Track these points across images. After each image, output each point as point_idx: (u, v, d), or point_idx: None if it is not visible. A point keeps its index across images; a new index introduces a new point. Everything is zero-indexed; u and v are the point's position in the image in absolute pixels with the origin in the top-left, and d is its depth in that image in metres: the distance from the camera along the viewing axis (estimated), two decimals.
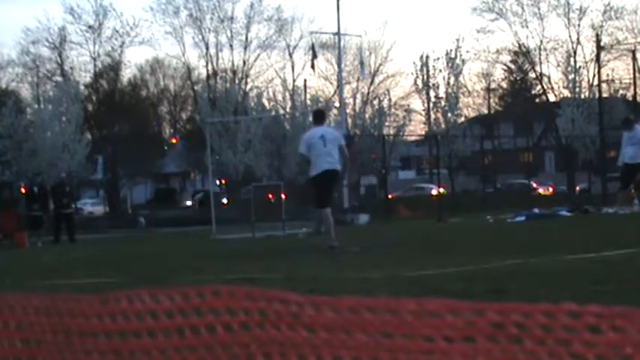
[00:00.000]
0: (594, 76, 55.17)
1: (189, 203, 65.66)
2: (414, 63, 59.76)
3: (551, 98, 59.94)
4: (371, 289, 7.88)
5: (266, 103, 55.64)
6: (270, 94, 57.44)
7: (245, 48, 61.19)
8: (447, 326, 1.55)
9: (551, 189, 61.67)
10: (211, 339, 1.76)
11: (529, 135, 59.95)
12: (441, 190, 44.71)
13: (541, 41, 59.62)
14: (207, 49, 61.17)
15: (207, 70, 61.82)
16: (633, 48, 54.59)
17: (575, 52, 57.62)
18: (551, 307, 1.49)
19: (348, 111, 54.73)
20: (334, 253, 13.88)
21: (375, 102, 57.06)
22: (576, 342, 1.47)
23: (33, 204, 27.82)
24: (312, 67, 48.18)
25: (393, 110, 56.29)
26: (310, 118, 51.09)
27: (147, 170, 66.29)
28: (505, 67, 66.19)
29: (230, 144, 51.89)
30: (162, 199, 70.69)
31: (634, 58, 52.85)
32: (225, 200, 52.05)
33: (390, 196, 51.35)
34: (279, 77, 61.72)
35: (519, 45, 61.23)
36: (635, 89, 51.63)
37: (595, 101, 52.41)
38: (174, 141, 73.34)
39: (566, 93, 56.05)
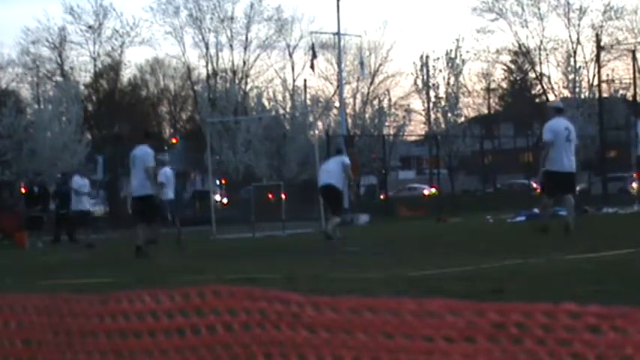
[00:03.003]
0: (594, 76, 55.17)
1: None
2: (414, 63, 59.78)
3: (551, 98, 59.92)
4: (371, 289, 7.88)
5: (266, 103, 55.60)
6: (270, 94, 57.42)
7: (245, 48, 61.23)
8: (447, 326, 1.55)
9: None
10: (212, 339, 1.76)
11: (529, 135, 59.94)
12: (433, 190, 44.67)
13: (541, 41, 59.66)
14: (207, 49, 61.20)
15: (207, 70, 61.84)
16: (633, 48, 54.56)
17: (575, 52, 57.62)
18: (551, 307, 1.50)
19: (348, 111, 54.72)
20: (326, 239, 16.96)
21: (375, 102, 57.03)
22: (576, 342, 1.47)
23: (33, 204, 27.79)
24: (312, 67, 48.18)
25: (393, 110, 56.27)
26: (310, 118, 51.32)
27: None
28: (505, 67, 66.22)
29: (230, 144, 51.88)
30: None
31: (634, 58, 52.82)
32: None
33: (382, 196, 51.44)
34: (279, 77, 61.76)
35: (519, 45, 61.26)
36: (635, 89, 51.59)
37: (595, 101, 52.40)
38: (174, 141, 73.29)
39: (566, 93, 56.02)
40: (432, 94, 53.19)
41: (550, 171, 15.53)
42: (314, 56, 47.34)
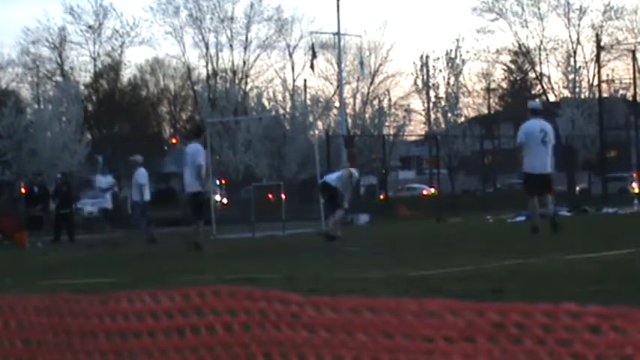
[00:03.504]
0: (594, 76, 55.15)
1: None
2: (414, 63, 59.64)
3: (551, 98, 59.93)
4: (371, 289, 7.88)
5: (266, 103, 55.60)
6: (270, 94, 57.43)
7: (245, 48, 61.23)
8: (447, 326, 1.55)
9: None
10: (211, 339, 1.76)
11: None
12: (432, 190, 44.62)
13: (541, 41, 59.63)
14: (207, 49, 61.19)
15: (207, 70, 61.83)
16: (633, 48, 54.57)
17: (575, 52, 57.60)
18: (551, 307, 1.49)
19: (348, 111, 54.71)
20: (327, 240, 16.57)
21: (375, 102, 57.01)
22: (576, 342, 1.47)
23: (33, 204, 27.80)
24: (312, 67, 48.16)
25: (393, 110, 56.26)
26: (310, 118, 51.31)
27: (147, 170, 66.17)
28: (505, 67, 66.20)
29: (230, 144, 51.88)
30: (163, 199, 70.59)
31: (634, 58, 52.82)
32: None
33: (381, 197, 51.37)
34: (279, 77, 61.76)
35: (519, 45, 61.24)
36: (635, 89, 51.60)
37: (595, 101, 52.40)
38: (174, 141, 73.25)
39: (566, 93, 56.01)
40: (432, 94, 53.17)
41: (525, 172, 16.04)
42: (314, 56, 47.34)
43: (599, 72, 52.52)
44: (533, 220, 16.12)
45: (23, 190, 34.68)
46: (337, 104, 52.01)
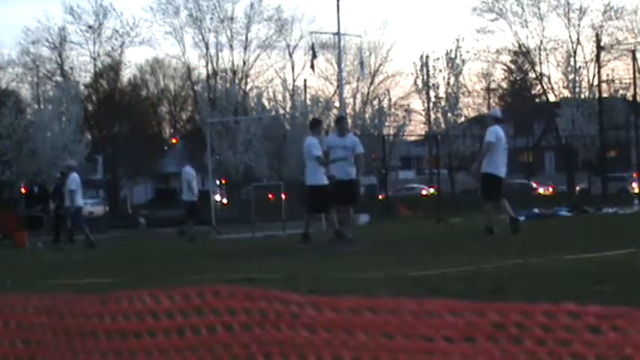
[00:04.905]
0: (594, 76, 55.16)
1: None
2: (414, 63, 59.62)
3: (551, 98, 59.93)
4: (371, 289, 7.88)
5: (266, 103, 55.61)
6: (270, 94, 57.44)
7: (245, 48, 61.23)
8: (447, 326, 1.55)
9: (551, 189, 61.67)
10: (212, 339, 1.76)
11: (529, 135, 59.89)
12: (431, 190, 44.59)
13: (541, 41, 59.67)
14: (207, 49, 61.20)
15: (207, 70, 61.83)
16: (633, 48, 54.53)
17: (575, 52, 57.62)
18: (551, 307, 1.49)
19: (348, 111, 54.68)
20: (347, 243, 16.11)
21: (375, 102, 57.02)
22: (576, 342, 1.47)
23: (33, 204, 27.81)
24: (312, 67, 48.17)
25: (393, 110, 56.27)
26: (310, 118, 51.35)
27: (147, 170, 66.22)
28: (505, 67, 66.20)
29: (230, 144, 51.88)
30: (163, 199, 70.64)
31: (634, 58, 52.79)
32: None
33: (380, 197, 51.35)
34: (279, 77, 61.75)
35: (519, 45, 61.27)
36: (635, 89, 51.56)
37: (595, 101, 52.40)
38: (174, 141, 73.23)
39: (566, 93, 56.01)
40: (432, 94, 53.19)
41: (490, 173, 16.51)
42: (314, 56, 47.32)
43: (599, 72, 52.51)
44: (491, 223, 16.70)
45: (23, 190, 34.66)
46: (337, 104, 52.00)
